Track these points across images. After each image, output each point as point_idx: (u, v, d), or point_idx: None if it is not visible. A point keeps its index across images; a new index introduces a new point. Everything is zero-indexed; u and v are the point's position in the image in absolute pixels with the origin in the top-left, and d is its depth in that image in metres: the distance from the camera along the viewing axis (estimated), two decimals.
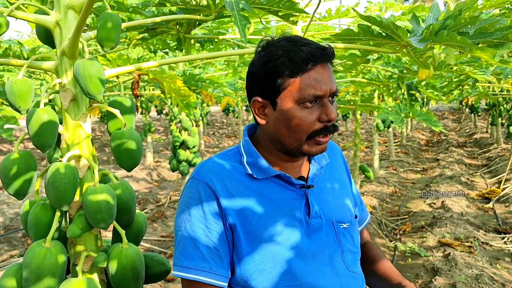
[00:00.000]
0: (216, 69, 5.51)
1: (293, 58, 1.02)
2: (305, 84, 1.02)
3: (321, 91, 1.02)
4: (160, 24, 1.78)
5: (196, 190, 1.07)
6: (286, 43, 1.05)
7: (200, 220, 1.05)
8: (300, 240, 1.07)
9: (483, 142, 12.05)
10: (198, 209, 1.05)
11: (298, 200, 1.10)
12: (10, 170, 1.03)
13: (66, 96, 1.06)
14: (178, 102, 2.39)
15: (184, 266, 1.03)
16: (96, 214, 0.99)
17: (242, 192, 1.07)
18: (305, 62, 1.02)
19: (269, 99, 1.07)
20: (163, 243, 4.87)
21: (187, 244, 1.05)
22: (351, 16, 2.87)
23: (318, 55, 1.03)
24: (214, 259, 1.04)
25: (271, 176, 1.10)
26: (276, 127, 1.07)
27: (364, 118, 20.64)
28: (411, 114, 3.66)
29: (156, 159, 10.01)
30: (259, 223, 1.05)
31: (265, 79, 1.06)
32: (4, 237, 4.94)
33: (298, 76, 1.02)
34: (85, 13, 0.93)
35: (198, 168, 1.10)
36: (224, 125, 20.34)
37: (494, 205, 6.02)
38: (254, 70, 1.09)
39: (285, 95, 1.04)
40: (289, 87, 1.03)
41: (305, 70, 1.02)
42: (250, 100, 1.11)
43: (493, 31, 1.17)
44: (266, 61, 1.05)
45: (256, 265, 1.04)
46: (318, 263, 1.07)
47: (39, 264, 0.96)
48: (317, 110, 1.04)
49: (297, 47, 1.03)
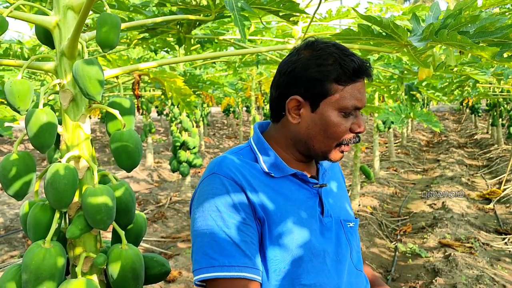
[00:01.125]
0: (216, 70, 5.51)
1: (345, 67, 1.05)
2: (351, 94, 1.06)
3: (361, 103, 1.07)
4: (161, 24, 1.78)
5: (221, 185, 1.03)
6: (336, 49, 1.07)
7: (232, 215, 1.01)
8: (316, 238, 1.08)
9: (483, 142, 12.04)
10: (228, 203, 1.02)
11: (312, 199, 1.12)
12: (10, 171, 1.03)
13: (65, 97, 1.06)
14: (179, 102, 2.39)
15: (225, 265, 0.98)
16: (96, 215, 0.99)
17: (264, 190, 1.06)
18: (356, 74, 1.05)
19: (311, 101, 1.07)
20: (163, 243, 4.87)
21: (222, 241, 0.99)
22: (351, 17, 2.87)
23: (365, 69, 1.07)
24: (254, 254, 1.01)
25: (287, 175, 1.11)
26: (309, 129, 1.08)
27: (365, 118, 20.61)
28: (411, 114, 3.66)
29: (156, 160, 10.01)
30: (282, 221, 1.04)
31: (313, 81, 1.06)
32: (4, 238, 4.94)
33: (347, 85, 1.05)
34: (84, 14, 0.92)
35: (218, 164, 1.07)
36: (225, 126, 20.34)
37: (494, 205, 6.01)
38: (299, 69, 1.07)
39: (329, 100, 1.06)
40: (335, 94, 1.05)
41: (354, 81, 1.06)
42: (283, 97, 1.10)
43: (493, 30, 1.16)
44: (317, 64, 1.06)
45: (277, 263, 1.03)
46: (331, 262, 1.08)
47: (38, 265, 0.96)
48: (351, 120, 1.08)
49: (348, 57, 1.06)
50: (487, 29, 1.18)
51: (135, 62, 3.03)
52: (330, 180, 1.22)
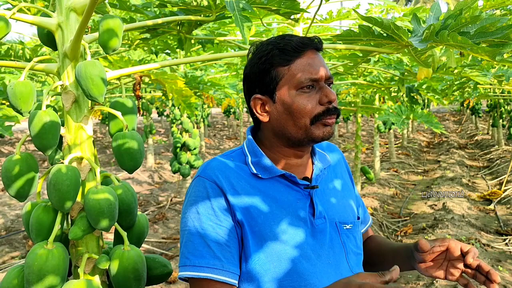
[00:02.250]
0: (216, 71, 5.52)
1: (283, 48, 1.06)
2: (299, 69, 1.06)
3: (316, 74, 1.06)
4: (162, 25, 1.78)
5: (203, 188, 1.06)
6: (274, 39, 1.10)
7: (209, 218, 1.04)
8: (305, 240, 1.06)
9: (484, 143, 12.04)
10: (207, 206, 1.04)
11: (302, 200, 1.10)
12: (12, 171, 1.03)
13: (67, 98, 1.06)
14: (180, 103, 2.39)
15: (195, 265, 1.01)
16: (98, 216, 0.99)
17: (248, 191, 1.07)
18: (295, 49, 1.06)
19: (268, 94, 1.09)
20: (164, 245, 4.87)
21: (197, 243, 1.03)
22: (352, 18, 2.88)
23: (307, 42, 1.07)
24: (226, 256, 1.02)
25: (276, 176, 1.10)
26: (279, 119, 1.09)
27: (365, 119, 20.64)
28: (412, 116, 3.67)
29: (157, 161, 10.01)
30: (265, 222, 1.05)
31: (260, 74, 1.09)
32: (5, 239, 4.94)
33: (291, 64, 1.06)
34: (87, 16, 0.93)
35: (204, 167, 1.10)
36: (225, 127, 20.35)
37: (495, 206, 6.01)
38: (248, 70, 1.13)
39: (282, 84, 1.07)
40: (284, 76, 1.06)
41: (297, 56, 1.06)
42: (248, 102, 1.13)
43: (494, 30, 1.17)
44: (258, 58, 1.09)
45: (262, 264, 1.03)
46: (322, 264, 1.07)
47: (41, 265, 0.96)
48: (316, 94, 1.07)
49: (285, 40, 1.08)
50: (488, 30, 1.18)
51: (136, 63, 3.04)
52: (329, 180, 1.20)
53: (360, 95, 5.62)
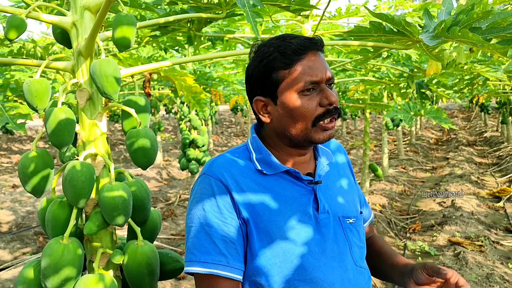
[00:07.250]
0: (225, 69, 5.52)
1: (283, 51, 1.07)
2: (300, 72, 1.06)
3: (316, 77, 1.06)
4: (172, 22, 1.80)
5: (208, 186, 1.08)
6: (275, 40, 1.10)
7: (214, 215, 1.05)
8: (310, 235, 1.08)
9: (493, 140, 11.94)
10: (212, 203, 1.06)
11: (307, 195, 1.12)
12: (28, 168, 1.05)
13: (82, 96, 1.08)
14: (190, 99, 2.41)
15: (201, 261, 1.03)
16: (113, 212, 1.01)
17: (253, 188, 1.08)
18: (296, 52, 1.06)
19: (269, 96, 1.10)
20: (173, 241, 4.90)
21: (203, 239, 1.05)
22: (360, 15, 2.87)
23: (307, 44, 1.08)
24: (231, 252, 1.04)
25: (280, 172, 1.12)
26: (280, 121, 1.10)
27: (373, 116, 20.54)
28: (422, 112, 3.65)
29: (165, 158, 10.06)
30: (270, 218, 1.06)
31: (262, 77, 1.10)
32: (16, 235, 5.00)
33: (291, 67, 1.07)
34: (102, 15, 0.94)
35: (209, 165, 1.12)
36: (233, 124, 20.37)
37: (505, 204, 5.97)
38: (250, 72, 1.14)
39: (283, 87, 1.08)
40: (285, 79, 1.07)
41: (297, 59, 1.07)
42: (251, 103, 1.15)
43: (506, 26, 1.16)
44: (260, 61, 1.10)
45: (267, 259, 1.05)
46: (327, 258, 1.08)
47: (57, 260, 0.98)
48: (317, 96, 1.08)
49: (286, 41, 1.08)
50: (500, 25, 1.17)
51: (145, 60, 3.05)
52: (332, 176, 1.21)
53: (369, 92, 5.61)
